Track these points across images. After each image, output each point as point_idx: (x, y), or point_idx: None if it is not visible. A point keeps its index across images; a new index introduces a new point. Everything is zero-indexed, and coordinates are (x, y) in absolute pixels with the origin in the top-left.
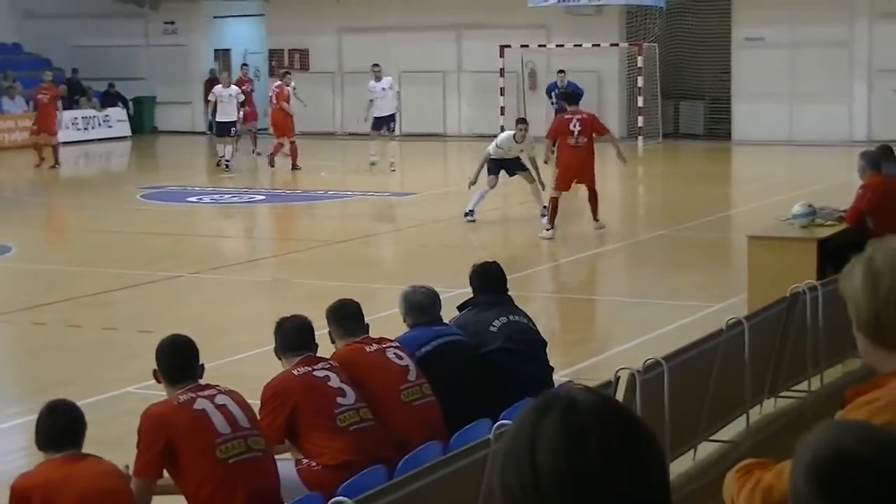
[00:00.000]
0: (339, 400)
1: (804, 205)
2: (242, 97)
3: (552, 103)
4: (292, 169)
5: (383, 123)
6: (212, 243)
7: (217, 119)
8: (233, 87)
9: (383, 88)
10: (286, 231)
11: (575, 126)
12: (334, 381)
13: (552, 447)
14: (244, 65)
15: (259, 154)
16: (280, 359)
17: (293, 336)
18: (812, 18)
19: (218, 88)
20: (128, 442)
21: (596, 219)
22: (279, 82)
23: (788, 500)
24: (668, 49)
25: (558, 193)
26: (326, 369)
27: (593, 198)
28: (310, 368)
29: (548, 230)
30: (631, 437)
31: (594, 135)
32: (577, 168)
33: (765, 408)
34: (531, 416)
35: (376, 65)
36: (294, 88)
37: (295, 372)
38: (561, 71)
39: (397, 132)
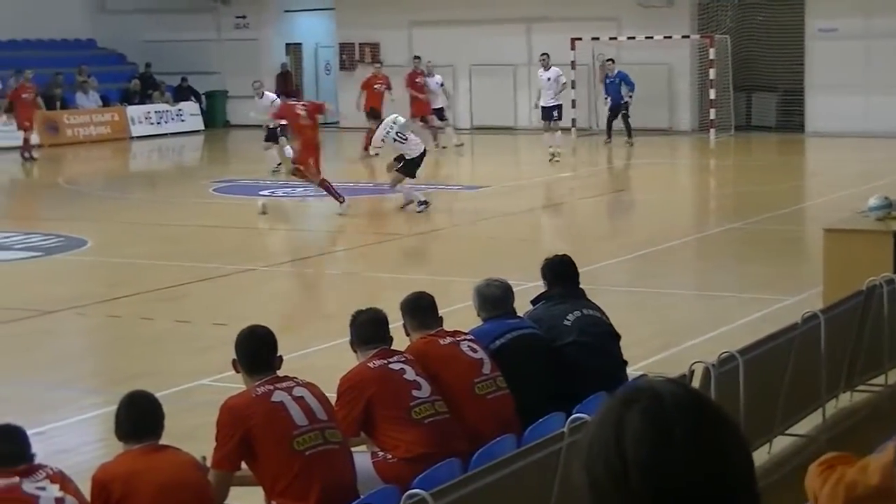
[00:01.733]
0: (415, 392)
1: (880, 197)
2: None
3: (605, 96)
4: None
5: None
6: (284, 236)
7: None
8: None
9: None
10: (358, 224)
11: None
12: (409, 374)
13: (639, 438)
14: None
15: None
16: (355, 351)
17: (368, 329)
18: (887, 8)
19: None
20: (201, 434)
21: None
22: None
23: (872, 494)
24: (740, 41)
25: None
26: (402, 362)
27: None
28: (385, 361)
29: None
30: (716, 427)
31: None
32: None
33: (841, 401)
34: (616, 408)
35: (416, 58)
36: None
37: (370, 364)
38: (609, 60)
39: (468, 125)
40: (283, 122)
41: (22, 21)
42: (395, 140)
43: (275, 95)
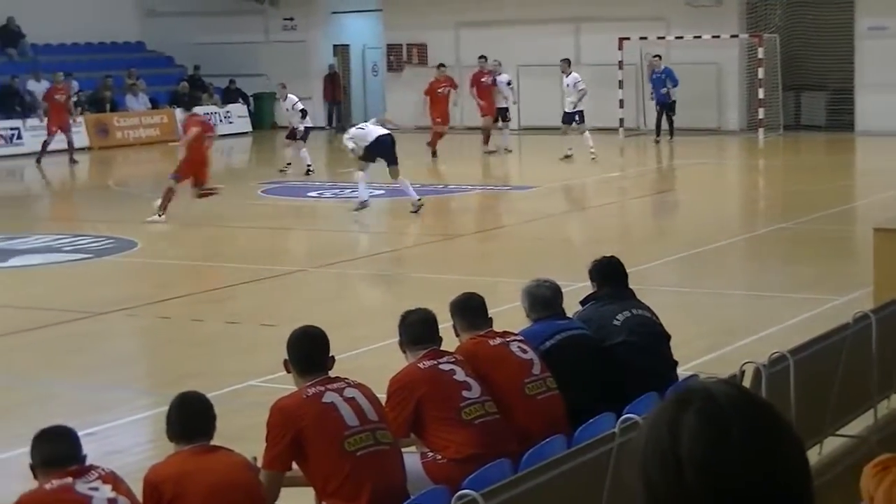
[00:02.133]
0: (465, 393)
1: None
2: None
3: (651, 92)
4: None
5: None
6: (332, 238)
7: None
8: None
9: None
10: (405, 225)
11: None
12: (459, 375)
13: (695, 438)
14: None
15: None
16: (404, 352)
17: (418, 329)
18: None
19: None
20: (252, 434)
21: None
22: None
23: None
24: (789, 40)
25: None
26: (451, 363)
27: None
28: (435, 362)
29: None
30: (771, 426)
31: None
32: None
33: (892, 402)
34: (670, 408)
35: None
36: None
37: (420, 365)
38: (656, 56)
39: (516, 125)
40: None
41: (72, 25)
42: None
43: (296, 98)
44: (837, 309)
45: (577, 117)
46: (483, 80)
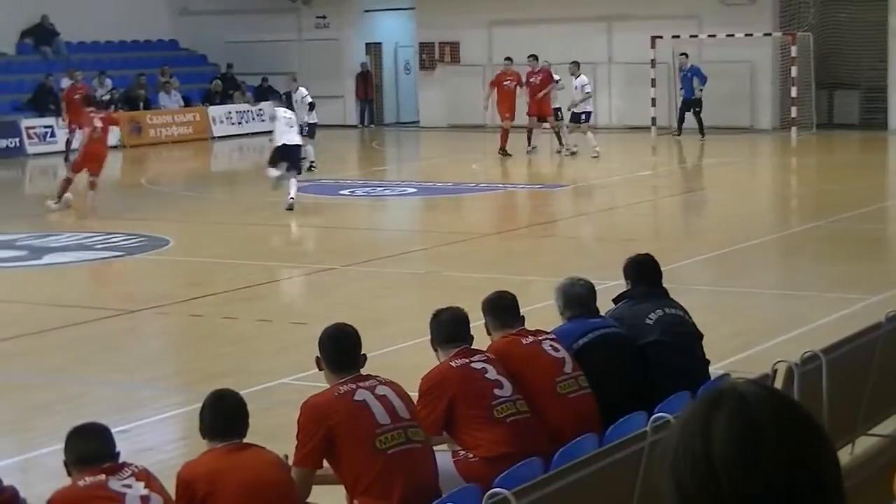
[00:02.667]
0: (497, 392)
1: None
2: None
3: (680, 88)
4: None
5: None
6: (364, 236)
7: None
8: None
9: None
10: (437, 223)
11: None
12: (491, 374)
13: (728, 440)
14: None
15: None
16: (436, 350)
17: (449, 328)
18: None
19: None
20: (283, 432)
21: None
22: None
23: None
24: (823, 38)
25: None
26: (483, 361)
27: None
28: (467, 360)
29: None
30: (804, 427)
31: None
32: None
33: None
34: (702, 409)
35: (532, 57)
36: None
37: (452, 364)
38: (683, 54)
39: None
40: None
41: (105, 24)
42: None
43: (306, 91)
44: (870, 308)
45: (583, 117)
46: (531, 79)
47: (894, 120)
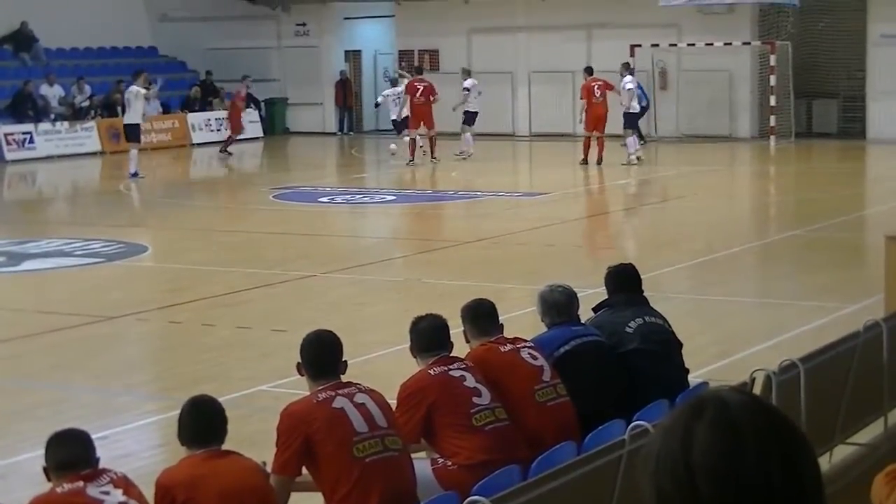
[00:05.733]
0: (475, 399)
1: None
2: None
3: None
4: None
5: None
6: (343, 243)
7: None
8: (468, 80)
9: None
10: (417, 231)
11: None
12: (470, 381)
13: (708, 447)
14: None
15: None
16: (415, 357)
17: (429, 336)
18: None
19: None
20: (261, 439)
21: None
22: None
23: None
24: (802, 47)
25: None
26: (462, 369)
27: None
28: (446, 368)
29: None
30: (784, 435)
31: None
32: None
33: None
34: (683, 417)
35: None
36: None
37: (431, 371)
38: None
39: (527, 132)
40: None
41: (85, 30)
42: None
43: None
44: (848, 317)
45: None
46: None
47: (872, 129)
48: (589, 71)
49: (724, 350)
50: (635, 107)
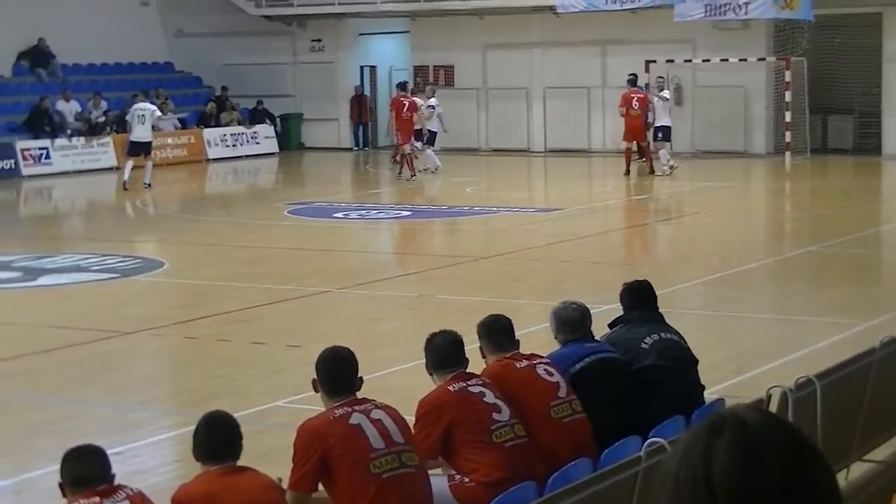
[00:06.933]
0: (495, 416)
1: None
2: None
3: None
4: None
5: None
6: (358, 259)
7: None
8: (432, 99)
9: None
10: (431, 247)
11: None
12: (489, 397)
13: (729, 466)
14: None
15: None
16: (431, 375)
17: (444, 352)
18: None
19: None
20: (276, 455)
21: None
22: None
23: None
24: (817, 63)
25: None
26: (480, 385)
27: None
28: (465, 384)
29: None
30: (803, 453)
31: None
32: None
33: None
34: (702, 436)
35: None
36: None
37: (450, 388)
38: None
39: (542, 148)
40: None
41: (101, 46)
42: None
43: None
44: (864, 333)
45: (660, 134)
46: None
47: (888, 145)
48: (632, 81)
49: (740, 366)
50: (667, 121)
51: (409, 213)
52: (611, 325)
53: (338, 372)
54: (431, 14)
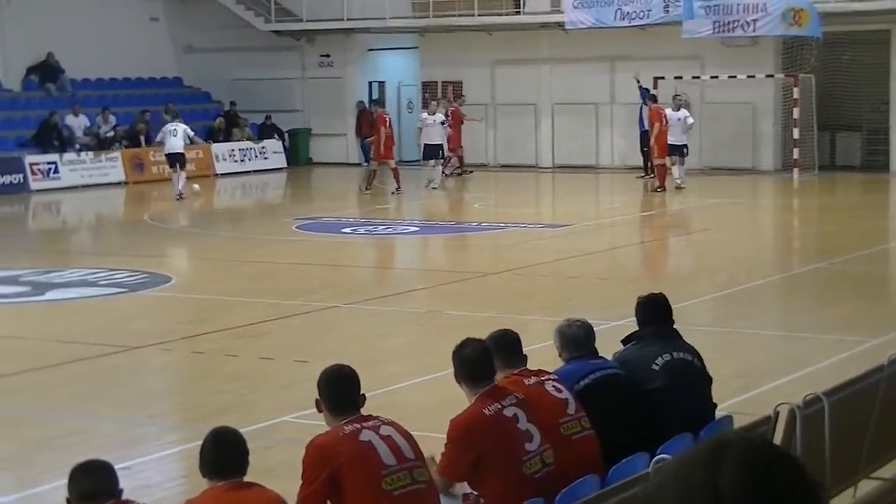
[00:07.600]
0: (527, 446)
1: None
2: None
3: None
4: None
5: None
6: (366, 274)
7: (424, 142)
8: (438, 114)
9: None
10: (439, 262)
11: None
12: (522, 422)
13: (738, 486)
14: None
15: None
16: (459, 383)
17: (478, 364)
18: None
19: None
20: (283, 471)
21: None
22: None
23: None
24: (825, 80)
25: None
26: (514, 405)
27: None
28: (500, 406)
29: None
30: (805, 476)
31: None
32: None
33: None
34: (709, 458)
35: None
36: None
37: (486, 411)
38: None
39: (550, 164)
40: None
41: (110, 61)
42: None
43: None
44: (872, 350)
45: (685, 149)
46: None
47: None
48: (654, 99)
49: (747, 383)
50: (683, 139)
51: (417, 228)
52: (624, 342)
53: (342, 390)
54: (440, 30)
